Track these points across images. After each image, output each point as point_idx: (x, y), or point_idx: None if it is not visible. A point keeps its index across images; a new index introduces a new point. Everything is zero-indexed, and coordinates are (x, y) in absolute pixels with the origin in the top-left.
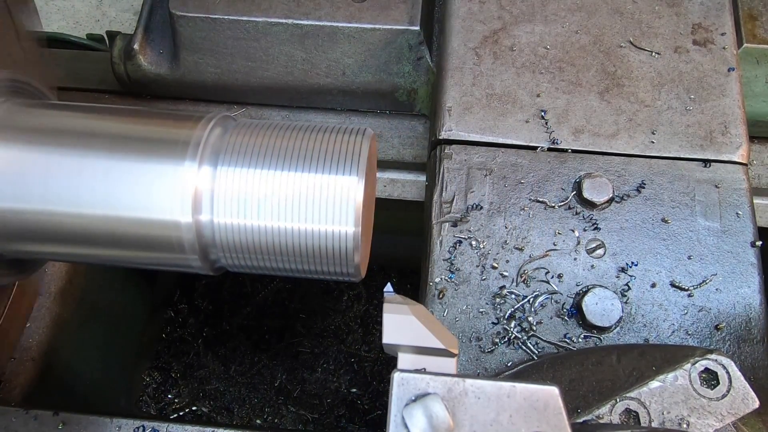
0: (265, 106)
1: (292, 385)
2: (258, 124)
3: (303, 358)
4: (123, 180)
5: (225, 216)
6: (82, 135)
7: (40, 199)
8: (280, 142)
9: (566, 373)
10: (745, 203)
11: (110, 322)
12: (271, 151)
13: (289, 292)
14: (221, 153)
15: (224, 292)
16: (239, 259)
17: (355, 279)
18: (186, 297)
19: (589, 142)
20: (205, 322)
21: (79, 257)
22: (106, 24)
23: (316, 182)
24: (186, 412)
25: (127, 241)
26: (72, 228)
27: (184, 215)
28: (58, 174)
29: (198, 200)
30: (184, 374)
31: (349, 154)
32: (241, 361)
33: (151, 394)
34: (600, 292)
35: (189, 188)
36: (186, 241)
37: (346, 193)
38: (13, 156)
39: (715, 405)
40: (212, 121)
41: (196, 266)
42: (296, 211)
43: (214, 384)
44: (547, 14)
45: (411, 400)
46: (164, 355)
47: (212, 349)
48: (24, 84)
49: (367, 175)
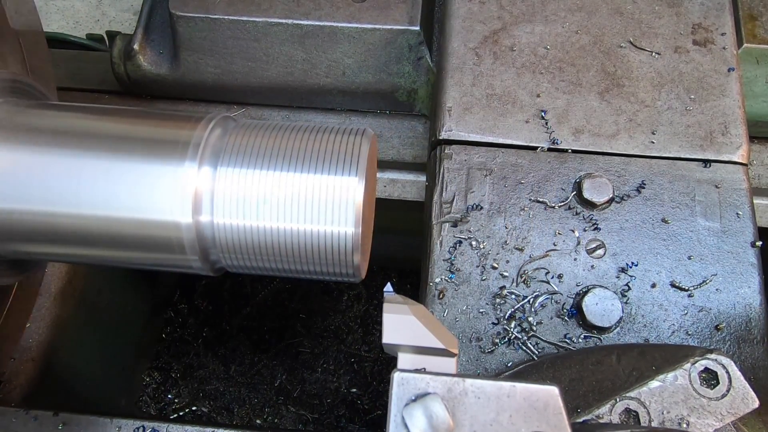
0: (265, 106)
1: (292, 385)
2: (258, 124)
3: (303, 358)
4: (123, 181)
5: (225, 217)
6: (82, 136)
7: (40, 200)
8: (280, 142)
9: (566, 373)
10: (745, 203)
11: (110, 323)
12: (271, 152)
13: (289, 292)
14: (221, 154)
15: (224, 293)
16: (239, 260)
17: (355, 280)
18: (186, 297)
19: (589, 142)
20: (205, 323)
21: (79, 258)
22: (106, 24)
23: (317, 183)
24: (186, 412)
25: (128, 242)
26: (72, 229)
27: (184, 216)
28: (59, 175)
29: (198, 201)
30: (184, 374)
31: (349, 154)
32: (241, 361)
33: (151, 394)
34: (600, 292)
35: (189, 189)
36: (186, 242)
37: (346, 193)
38: (13, 157)
39: (714, 405)
40: (212, 122)
41: (196, 267)
42: (296, 212)
43: (214, 384)
44: (547, 14)
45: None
46: (164, 356)
47: (212, 350)
48: (24, 84)
49: (367, 175)
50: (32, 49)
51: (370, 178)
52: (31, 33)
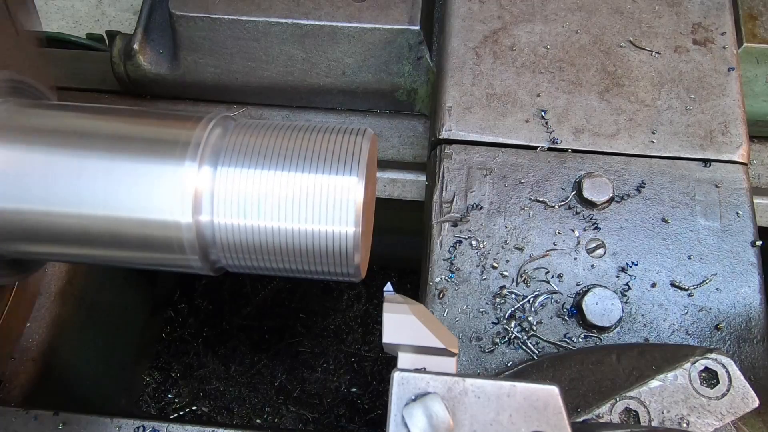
0: (265, 106)
1: (292, 384)
2: (258, 124)
3: (303, 358)
4: (123, 181)
5: (225, 216)
6: (82, 135)
7: (40, 200)
8: (281, 142)
9: (566, 373)
10: (745, 203)
11: (110, 322)
12: (271, 152)
13: (289, 292)
14: (221, 153)
15: (224, 292)
16: (239, 260)
17: (356, 279)
18: (186, 297)
19: (589, 142)
20: (205, 322)
21: (79, 258)
22: (106, 24)
23: (317, 182)
24: (186, 412)
25: (128, 241)
26: (72, 228)
27: (184, 216)
28: (59, 174)
29: (198, 201)
30: (184, 374)
31: (350, 154)
32: (241, 360)
33: (151, 393)
34: (600, 291)
35: (189, 189)
36: (186, 242)
37: (347, 193)
38: (14, 156)
39: (714, 404)
40: (212, 122)
41: (196, 267)
42: (296, 212)
43: (214, 384)
44: (547, 14)
45: (411, 399)
46: (164, 355)
47: (212, 349)
48: (24, 84)
49: (367, 175)
50: (32, 49)
51: (370, 177)
52: (31, 33)
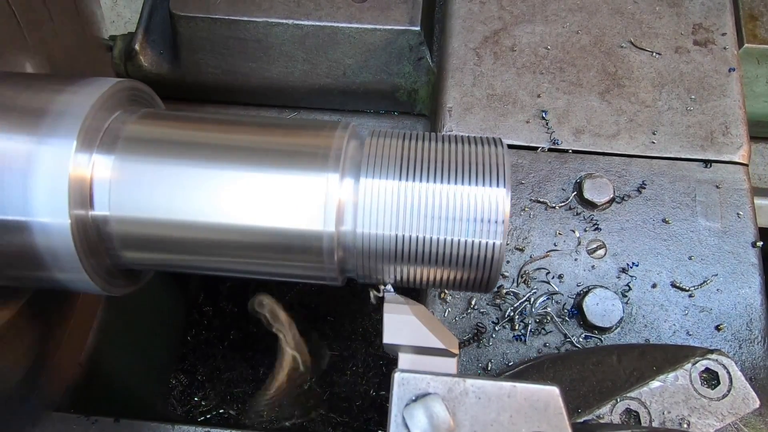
0: (265, 106)
1: (321, 387)
2: (390, 134)
3: (332, 361)
4: (266, 191)
5: (368, 227)
6: (216, 147)
7: (177, 211)
8: (421, 153)
9: (567, 373)
10: (746, 203)
11: (147, 327)
12: (413, 163)
13: (316, 294)
14: (362, 164)
15: (249, 295)
16: (374, 271)
17: (489, 291)
18: (210, 299)
19: (589, 143)
20: (231, 325)
21: (205, 266)
22: (122, 25)
23: (464, 193)
24: (213, 415)
25: (267, 251)
26: (209, 238)
27: (327, 225)
28: (195, 186)
29: (341, 211)
30: (210, 377)
31: (494, 165)
32: (270, 363)
33: (178, 396)
34: (601, 292)
35: (333, 199)
36: (326, 252)
37: (495, 204)
38: (148, 168)
39: (715, 405)
40: (347, 131)
41: (329, 277)
42: (444, 223)
43: (242, 387)
44: (547, 14)
45: (411, 399)
46: (190, 358)
47: (239, 352)
48: (139, 92)
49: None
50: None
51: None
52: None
